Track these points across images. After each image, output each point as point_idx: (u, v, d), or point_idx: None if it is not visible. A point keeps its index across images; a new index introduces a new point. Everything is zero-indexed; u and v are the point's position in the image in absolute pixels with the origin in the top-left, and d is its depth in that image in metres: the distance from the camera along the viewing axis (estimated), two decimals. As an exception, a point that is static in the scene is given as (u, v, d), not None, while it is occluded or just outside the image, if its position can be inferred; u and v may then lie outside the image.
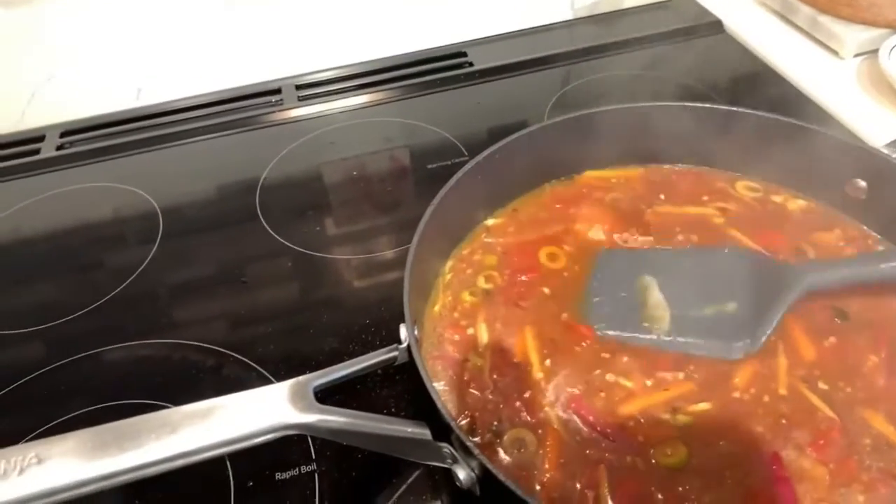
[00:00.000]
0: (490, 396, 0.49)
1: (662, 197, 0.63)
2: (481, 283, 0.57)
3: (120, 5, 0.82)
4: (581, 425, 0.47)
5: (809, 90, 0.82)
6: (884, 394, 0.47)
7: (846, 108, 0.78)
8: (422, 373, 0.42)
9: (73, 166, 0.81)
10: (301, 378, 0.42)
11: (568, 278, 0.57)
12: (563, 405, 0.48)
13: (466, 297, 0.56)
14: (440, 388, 0.50)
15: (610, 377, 0.49)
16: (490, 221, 0.62)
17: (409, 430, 0.42)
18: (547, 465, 0.45)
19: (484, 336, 0.53)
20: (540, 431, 0.46)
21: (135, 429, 0.38)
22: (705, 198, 0.62)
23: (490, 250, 0.60)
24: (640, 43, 0.94)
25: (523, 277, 0.57)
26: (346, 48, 0.91)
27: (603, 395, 0.48)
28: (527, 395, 0.49)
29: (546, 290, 0.56)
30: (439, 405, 0.41)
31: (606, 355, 0.51)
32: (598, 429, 0.46)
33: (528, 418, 0.47)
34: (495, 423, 0.47)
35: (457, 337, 0.53)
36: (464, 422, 0.47)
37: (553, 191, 0.65)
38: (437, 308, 0.56)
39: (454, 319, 0.55)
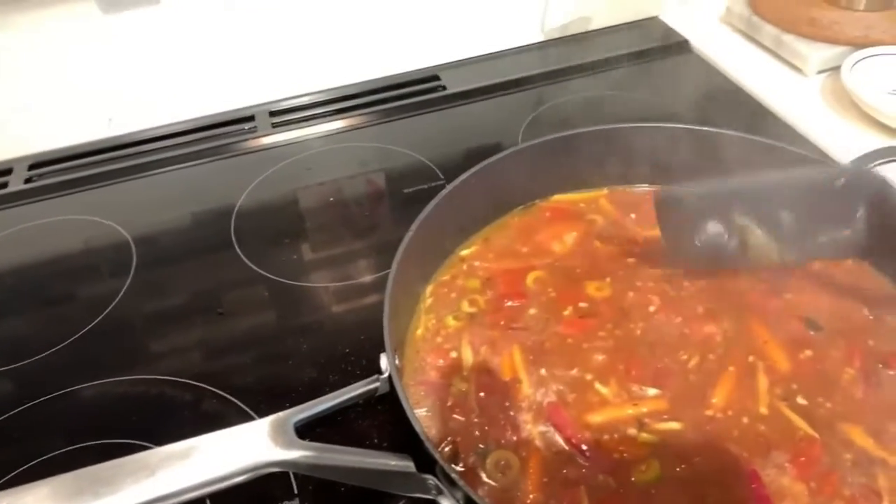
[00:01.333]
0: (475, 420, 0.49)
1: (633, 216, 0.64)
2: (465, 307, 0.57)
3: (89, 35, 0.81)
4: (558, 439, 0.47)
5: (775, 107, 0.84)
6: (862, 406, 0.48)
7: (812, 125, 0.80)
8: (404, 404, 0.42)
9: (42, 199, 0.80)
10: (281, 414, 0.42)
11: (555, 298, 0.57)
12: (543, 416, 0.48)
13: (450, 321, 0.56)
14: (423, 414, 0.49)
15: (588, 376, 0.50)
16: (465, 251, 0.62)
17: (393, 462, 0.41)
18: (530, 487, 0.45)
19: (469, 358, 0.53)
20: (523, 453, 0.47)
21: (111, 473, 0.37)
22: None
23: (472, 275, 0.60)
24: (610, 63, 0.95)
25: (510, 302, 0.57)
26: (318, 74, 0.91)
27: (575, 397, 0.49)
28: (511, 413, 0.49)
29: (533, 311, 0.56)
30: (423, 437, 0.40)
31: (586, 345, 0.52)
32: (574, 442, 0.47)
33: (513, 438, 0.47)
34: (480, 446, 0.47)
35: (440, 362, 0.53)
36: (447, 448, 0.47)
37: (520, 219, 0.65)
38: (419, 332, 0.56)
39: (437, 344, 0.55)
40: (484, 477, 0.46)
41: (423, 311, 0.58)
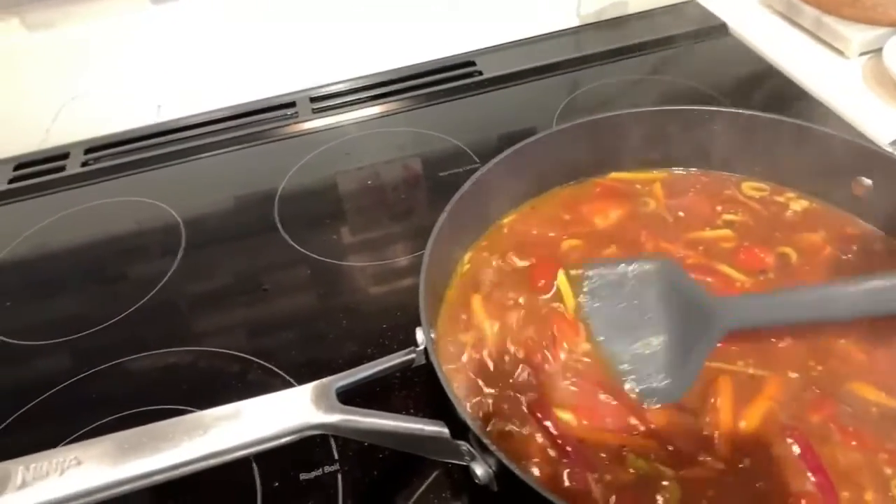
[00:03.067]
0: (504, 391, 0.50)
1: (681, 214, 0.64)
2: (493, 263, 0.59)
3: (139, 26, 0.84)
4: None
5: (815, 90, 0.83)
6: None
7: (852, 107, 0.79)
8: (439, 373, 0.44)
9: (97, 182, 0.84)
10: (324, 380, 0.44)
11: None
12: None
13: (482, 287, 0.58)
14: (457, 384, 0.51)
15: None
16: (506, 219, 0.64)
17: (428, 428, 0.43)
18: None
19: (486, 322, 0.55)
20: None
21: (168, 431, 0.40)
22: (718, 208, 0.63)
23: (510, 238, 0.62)
24: (646, 47, 0.95)
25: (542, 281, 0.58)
26: (357, 61, 0.94)
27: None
28: (533, 390, 0.50)
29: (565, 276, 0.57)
30: (456, 404, 0.42)
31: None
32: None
33: (537, 413, 0.49)
34: (506, 418, 0.49)
35: (471, 331, 0.55)
36: (480, 416, 0.49)
37: (570, 191, 0.66)
38: (450, 292, 0.58)
39: (464, 307, 0.57)
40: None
41: (458, 275, 0.60)
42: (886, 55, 0.79)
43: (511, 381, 0.51)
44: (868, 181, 0.60)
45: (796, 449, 0.45)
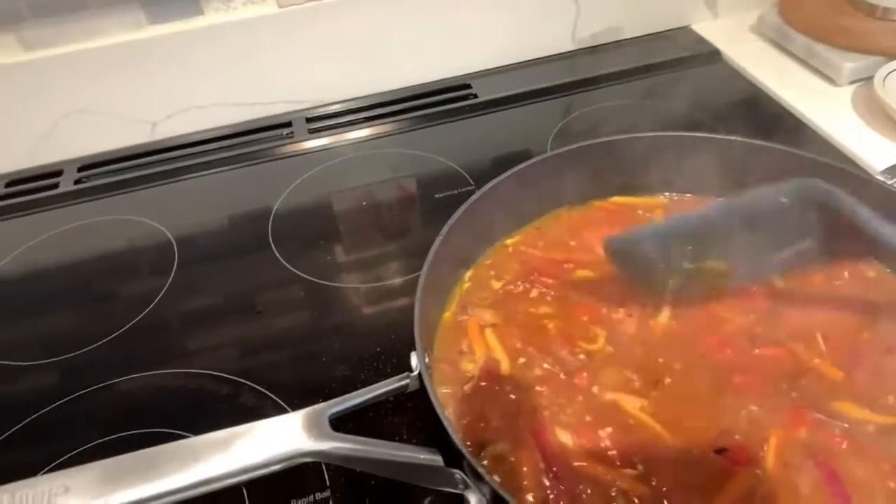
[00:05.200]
0: (498, 416, 0.50)
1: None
2: (494, 284, 0.60)
3: (134, 45, 0.85)
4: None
5: (807, 117, 0.84)
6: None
7: (843, 135, 0.80)
8: (433, 401, 0.44)
9: (90, 200, 0.84)
10: (316, 406, 0.44)
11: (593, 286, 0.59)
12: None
13: (483, 304, 0.59)
14: (451, 409, 0.51)
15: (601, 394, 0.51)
16: (510, 240, 0.65)
17: (422, 456, 0.43)
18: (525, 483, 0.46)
19: (479, 344, 0.55)
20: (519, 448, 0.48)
21: (158, 457, 0.39)
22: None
23: (514, 258, 0.63)
24: (640, 73, 0.96)
25: (545, 289, 0.59)
26: (353, 82, 0.94)
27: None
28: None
29: (569, 297, 0.58)
30: (450, 432, 0.42)
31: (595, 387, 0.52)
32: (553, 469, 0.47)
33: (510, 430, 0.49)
34: (502, 442, 0.49)
35: (467, 350, 0.55)
36: (472, 443, 0.49)
37: (573, 215, 0.67)
38: (447, 314, 0.58)
39: (459, 328, 0.57)
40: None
41: (457, 295, 0.60)
42: (877, 83, 0.81)
43: (512, 399, 0.51)
44: (860, 210, 0.60)
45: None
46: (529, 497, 0.45)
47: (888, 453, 0.47)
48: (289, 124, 0.92)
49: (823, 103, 0.85)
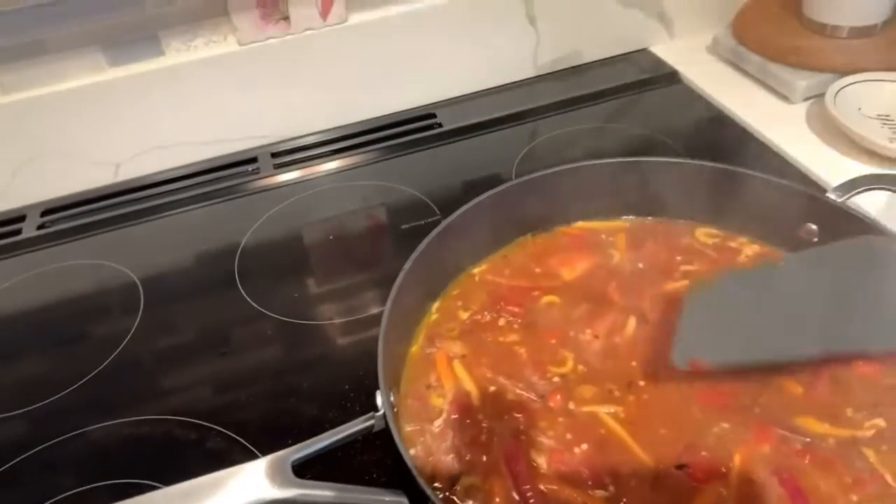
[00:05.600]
0: (471, 447, 0.51)
1: (642, 266, 0.65)
2: (461, 315, 0.61)
3: (95, 87, 0.84)
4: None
5: (763, 135, 0.86)
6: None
7: (798, 152, 0.81)
8: (396, 441, 0.44)
9: (54, 245, 0.83)
10: (279, 453, 0.44)
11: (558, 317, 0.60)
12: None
13: (443, 333, 0.59)
14: (419, 447, 0.51)
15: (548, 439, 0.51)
16: (476, 269, 0.65)
17: (387, 499, 0.43)
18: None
19: (467, 381, 0.56)
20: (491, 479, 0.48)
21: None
22: (678, 258, 0.65)
23: (480, 288, 0.64)
24: (601, 96, 0.98)
25: (512, 317, 0.60)
26: (318, 115, 0.94)
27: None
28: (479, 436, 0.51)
29: (537, 323, 0.59)
30: (414, 473, 0.42)
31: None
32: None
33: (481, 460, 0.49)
34: (456, 470, 0.49)
35: (435, 384, 0.56)
36: (444, 477, 0.49)
37: (539, 241, 0.68)
38: (414, 348, 0.59)
39: (426, 360, 0.57)
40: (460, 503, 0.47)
41: (425, 326, 0.60)
42: (828, 100, 0.83)
43: (484, 427, 0.52)
44: (814, 227, 0.62)
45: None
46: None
47: (850, 467, 0.47)
48: (254, 160, 0.92)
49: (779, 121, 0.87)
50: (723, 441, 0.49)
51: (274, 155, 0.93)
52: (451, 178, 0.87)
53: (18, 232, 0.85)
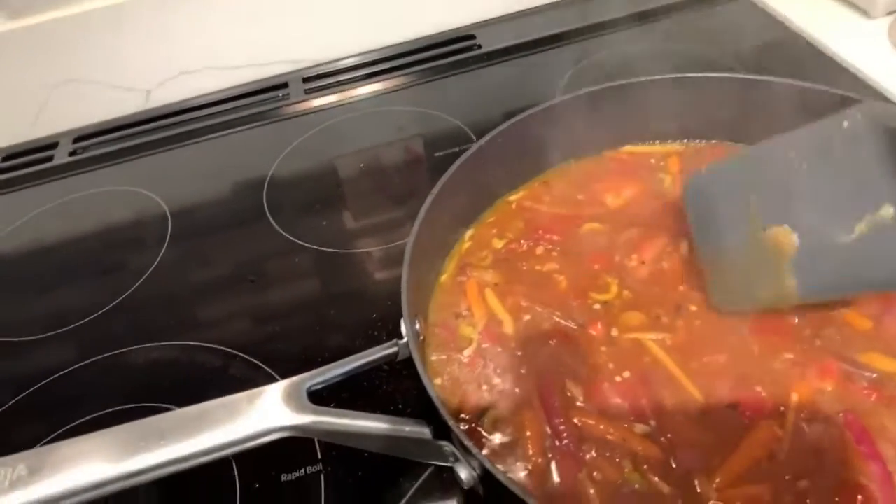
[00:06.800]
0: (502, 378, 0.48)
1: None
2: (496, 243, 0.57)
3: (124, 10, 0.81)
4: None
5: (840, 54, 0.77)
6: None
7: (878, 71, 0.73)
8: (419, 369, 0.41)
9: (85, 171, 0.82)
10: (295, 379, 0.41)
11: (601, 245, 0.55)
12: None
13: (483, 263, 0.56)
14: (446, 377, 0.48)
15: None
16: (514, 196, 0.61)
17: (408, 429, 0.40)
18: (529, 451, 0.43)
19: (500, 309, 0.52)
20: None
21: (123, 438, 0.37)
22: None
23: (518, 216, 0.59)
24: (657, 14, 0.90)
25: (551, 245, 0.56)
26: (350, 38, 0.90)
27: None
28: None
29: (579, 249, 0.55)
30: (436, 403, 0.39)
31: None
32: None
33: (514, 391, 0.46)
34: (500, 407, 0.46)
35: (466, 313, 0.52)
36: (471, 409, 0.46)
37: (583, 167, 0.63)
38: (444, 277, 0.55)
39: (466, 294, 0.54)
40: (487, 436, 0.44)
41: (457, 254, 0.57)
42: (916, 12, 0.74)
43: (518, 357, 0.49)
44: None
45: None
46: (522, 471, 0.42)
47: None
48: (285, 85, 0.88)
49: (856, 38, 0.78)
50: (780, 375, 0.45)
51: (305, 80, 0.89)
52: (491, 104, 0.82)
53: (50, 159, 0.84)
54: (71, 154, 0.84)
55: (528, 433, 0.44)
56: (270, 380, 0.54)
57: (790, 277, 0.43)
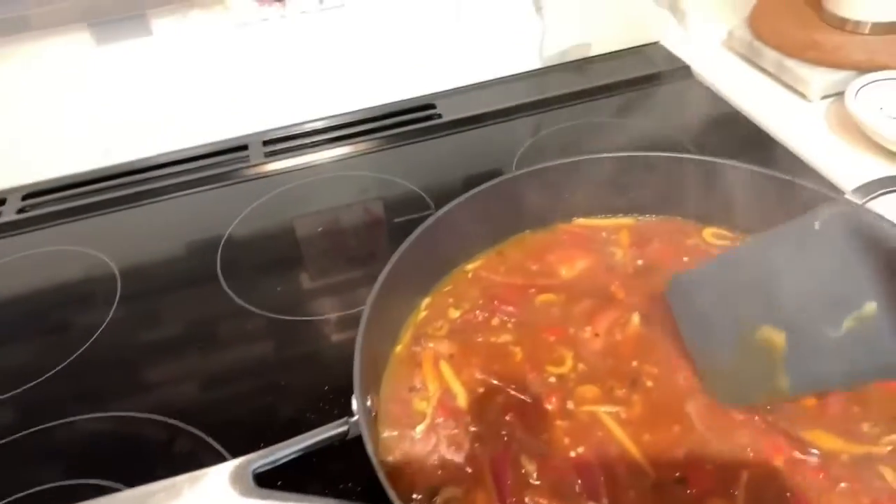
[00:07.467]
0: (455, 455, 0.47)
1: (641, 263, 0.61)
2: (452, 313, 0.57)
3: (84, 66, 0.81)
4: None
5: (778, 134, 0.82)
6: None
7: (816, 151, 0.77)
8: (368, 451, 0.40)
9: (32, 230, 0.80)
10: (242, 460, 0.40)
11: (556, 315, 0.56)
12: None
13: (438, 334, 0.55)
14: (397, 455, 0.47)
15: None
16: (470, 265, 0.62)
17: (357, 513, 0.39)
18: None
19: (454, 382, 0.52)
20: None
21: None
22: (685, 259, 0.60)
23: (474, 284, 0.60)
24: (610, 90, 0.94)
25: (506, 317, 0.57)
26: (312, 102, 0.91)
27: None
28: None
29: (533, 321, 0.55)
30: (385, 485, 0.38)
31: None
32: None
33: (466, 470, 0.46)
34: (452, 486, 0.45)
35: (420, 387, 0.52)
36: (424, 488, 0.45)
37: (537, 238, 0.64)
38: (398, 348, 0.55)
39: (420, 366, 0.53)
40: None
41: (412, 324, 0.57)
42: (849, 98, 0.78)
43: (472, 432, 0.48)
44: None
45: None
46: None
47: (868, 486, 0.43)
48: (245, 147, 0.88)
49: (795, 119, 0.83)
50: (731, 451, 0.45)
51: (266, 143, 0.89)
52: (450, 172, 0.83)
53: (-2, 215, 0.82)
54: (19, 211, 0.82)
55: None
56: (217, 455, 0.53)
57: (783, 376, 0.43)
